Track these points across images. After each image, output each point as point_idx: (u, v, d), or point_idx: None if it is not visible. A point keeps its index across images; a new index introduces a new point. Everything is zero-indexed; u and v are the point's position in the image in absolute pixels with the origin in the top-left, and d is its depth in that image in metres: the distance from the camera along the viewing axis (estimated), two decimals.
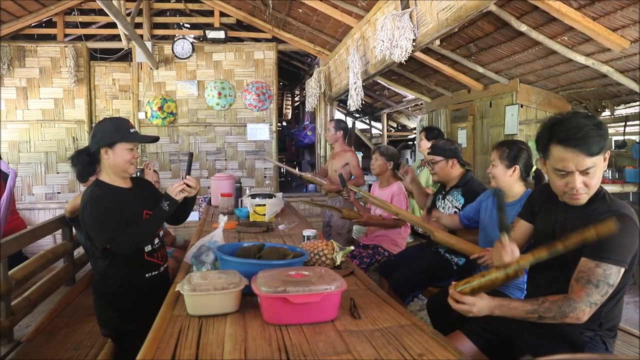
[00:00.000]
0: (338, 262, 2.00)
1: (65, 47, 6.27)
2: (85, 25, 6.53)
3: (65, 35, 6.48)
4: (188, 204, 2.21)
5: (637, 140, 4.48)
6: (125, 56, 6.71)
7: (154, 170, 3.74)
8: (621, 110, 4.58)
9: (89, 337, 2.35)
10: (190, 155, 2.30)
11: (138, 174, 2.95)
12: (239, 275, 1.55)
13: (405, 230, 3.54)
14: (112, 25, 5.87)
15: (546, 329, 1.54)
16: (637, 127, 4.63)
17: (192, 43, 6.51)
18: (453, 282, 1.52)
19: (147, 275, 2.07)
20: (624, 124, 4.49)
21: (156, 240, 2.14)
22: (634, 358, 0.92)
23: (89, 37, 6.65)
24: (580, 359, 0.79)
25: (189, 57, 6.53)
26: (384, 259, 3.38)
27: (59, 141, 6.42)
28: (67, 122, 6.42)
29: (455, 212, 2.72)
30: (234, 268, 1.63)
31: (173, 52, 6.45)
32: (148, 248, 2.08)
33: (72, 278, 3.22)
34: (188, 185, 2.07)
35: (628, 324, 2.34)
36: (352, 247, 2.23)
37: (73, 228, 3.08)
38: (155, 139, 2.23)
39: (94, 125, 6.38)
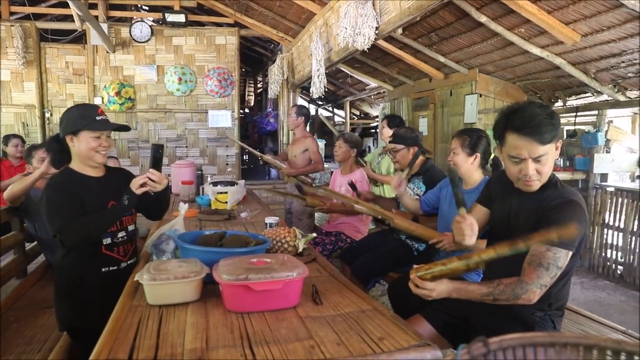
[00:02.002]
0: (300, 249, 2.01)
1: (12, 26, 5.91)
2: (34, 3, 6.17)
3: (12, 14, 6.10)
4: (160, 200, 2.09)
5: (587, 130, 4.70)
6: (79, 38, 6.39)
7: (115, 157, 3.62)
8: (573, 101, 4.79)
9: (43, 331, 2.25)
10: (156, 147, 2.00)
11: None
12: (200, 263, 1.54)
13: (367, 217, 3.58)
14: (64, 4, 5.57)
15: (500, 310, 1.61)
16: (587, 117, 4.84)
17: (151, 26, 6.29)
18: (414, 266, 1.55)
19: (103, 269, 1.95)
20: (575, 114, 4.70)
21: (120, 234, 2.00)
22: (579, 335, 0.97)
23: (38, 17, 6.28)
24: (530, 337, 0.82)
25: (147, 41, 6.30)
26: (347, 246, 3.41)
27: (7, 127, 6.08)
28: (16, 107, 6.09)
29: (417, 199, 2.78)
30: (195, 256, 1.61)
31: (131, 35, 6.21)
32: (107, 241, 1.95)
33: (24, 270, 3.08)
34: (152, 180, 1.92)
35: (575, 304, 2.50)
36: (315, 234, 2.23)
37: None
38: (124, 128, 2.07)
39: (45, 110, 6.13)
